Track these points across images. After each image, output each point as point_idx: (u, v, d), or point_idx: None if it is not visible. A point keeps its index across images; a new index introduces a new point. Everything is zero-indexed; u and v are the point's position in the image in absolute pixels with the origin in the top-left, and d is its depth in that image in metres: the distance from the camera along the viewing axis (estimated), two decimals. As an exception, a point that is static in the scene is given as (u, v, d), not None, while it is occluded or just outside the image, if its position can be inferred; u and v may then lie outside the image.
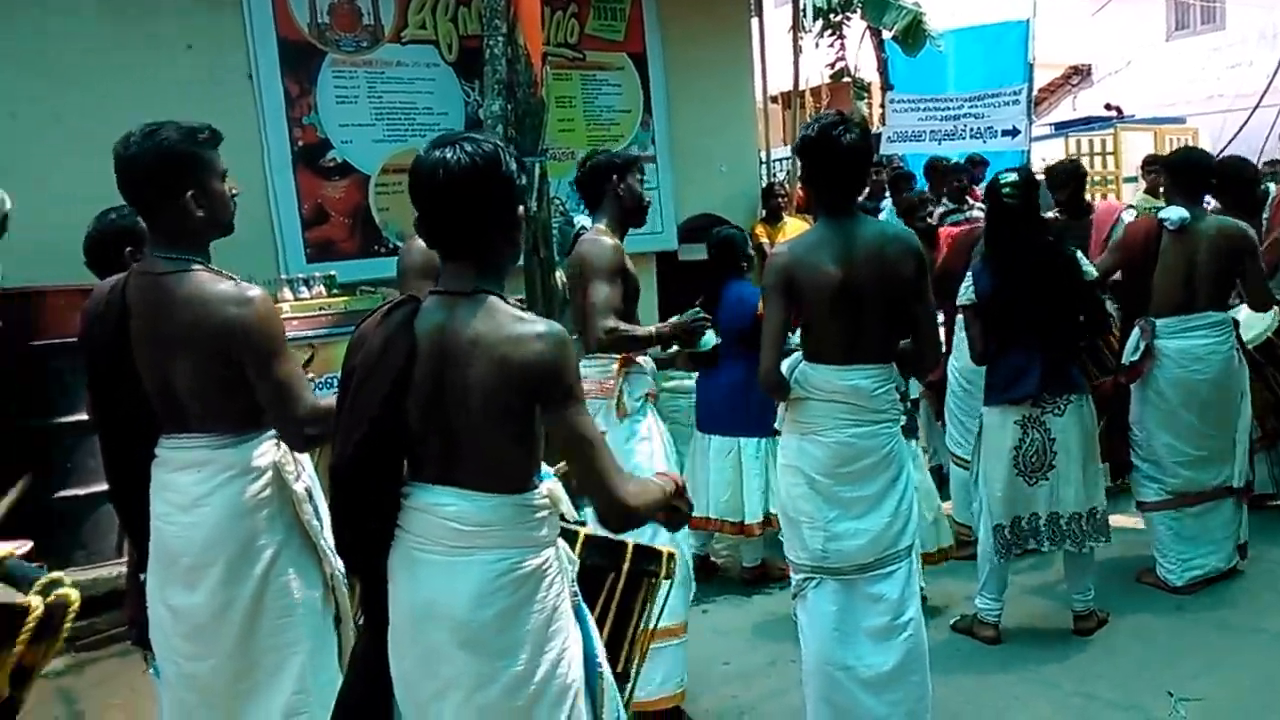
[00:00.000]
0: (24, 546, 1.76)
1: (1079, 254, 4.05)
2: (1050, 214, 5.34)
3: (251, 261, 5.11)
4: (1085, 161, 11.39)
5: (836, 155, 3.01)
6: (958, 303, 4.09)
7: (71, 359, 4.35)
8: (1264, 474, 5.13)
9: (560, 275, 5.83)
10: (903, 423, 3.28)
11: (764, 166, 8.98)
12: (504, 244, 2.03)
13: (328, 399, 2.41)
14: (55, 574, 1.74)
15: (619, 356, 3.67)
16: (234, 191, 2.48)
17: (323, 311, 5.18)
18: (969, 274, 4.04)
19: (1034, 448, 3.96)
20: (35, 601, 1.60)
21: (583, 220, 6.46)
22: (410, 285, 3.58)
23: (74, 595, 1.68)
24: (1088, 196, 6.39)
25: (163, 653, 2.51)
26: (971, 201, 7.04)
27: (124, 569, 4.00)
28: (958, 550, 4.54)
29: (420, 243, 3.59)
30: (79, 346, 2.63)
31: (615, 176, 3.61)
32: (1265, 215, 5.34)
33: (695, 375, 4.78)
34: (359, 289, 5.58)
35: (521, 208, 2.04)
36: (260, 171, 5.83)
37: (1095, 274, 4.10)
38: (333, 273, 5.58)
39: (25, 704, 1.60)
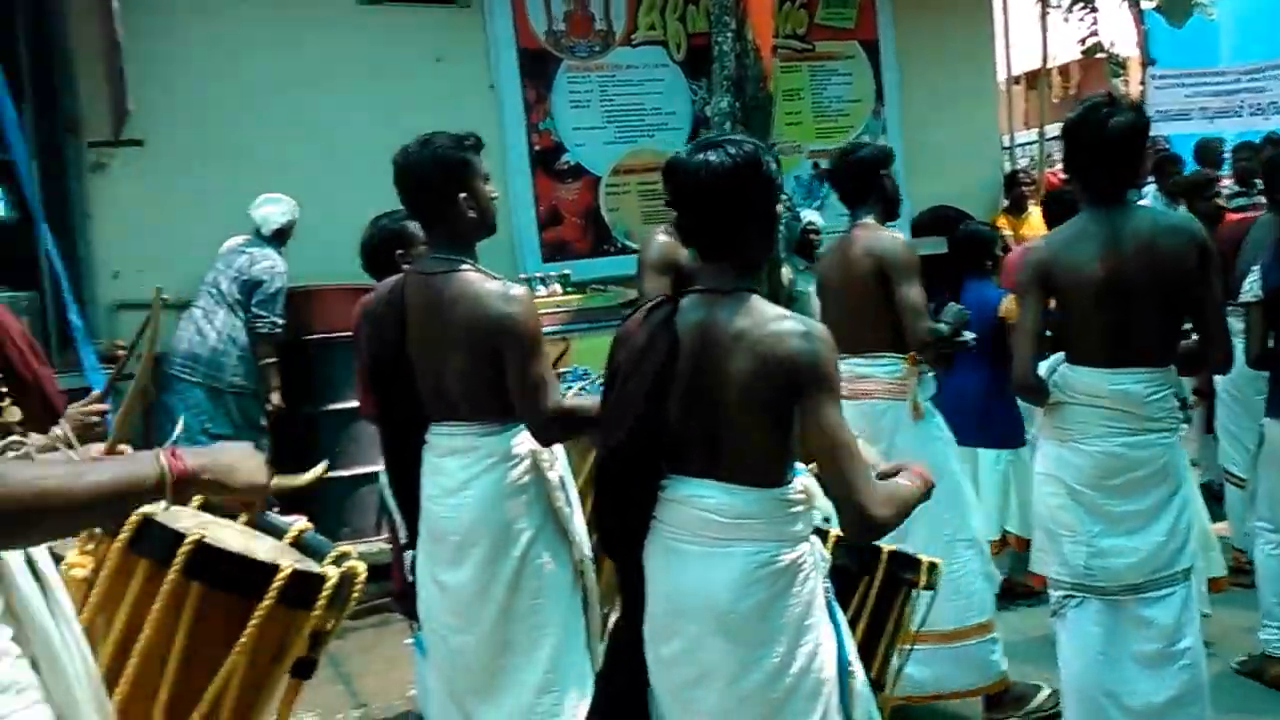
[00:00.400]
0: (301, 522, 1.95)
1: None
2: None
3: (490, 262, 5.30)
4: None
5: (1103, 139, 2.78)
6: (1240, 300, 3.66)
7: (339, 353, 4.75)
8: None
9: (787, 271, 5.74)
10: (1182, 432, 2.99)
11: (1007, 153, 8.49)
12: (762, 243, 2.08)
13: (574, 399, 2.60)
14: (345, 547, 1.92)
15: (908, 356, 3.53)
16: (494, 195, 2.67)
17: (559, 309, 5.36)
18: (1256, 268, 3.60)
19: None
20: (331, 571, 1.75)
21: (810, 215, 6.38)
22: (646, 280, 3.63)
23: (361, 567, 1.82)
24: None
25: (430, 625, 2.71)
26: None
27: (384, 545, 4.30)
28: (1233, 578, 4.08)
29: (660, 238, 3.68)
30: (349, 341, 2.86)
31: (882, 169, 3.54)
32: None
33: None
34: (590, 287, 5.72)
35: (779, 206, 2.08)
36: (500, 176, 6.05)
37: None
38: (567, 271, 5.75)
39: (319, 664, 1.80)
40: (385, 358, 2.67)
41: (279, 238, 5.16)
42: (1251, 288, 3.57)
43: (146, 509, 1.58)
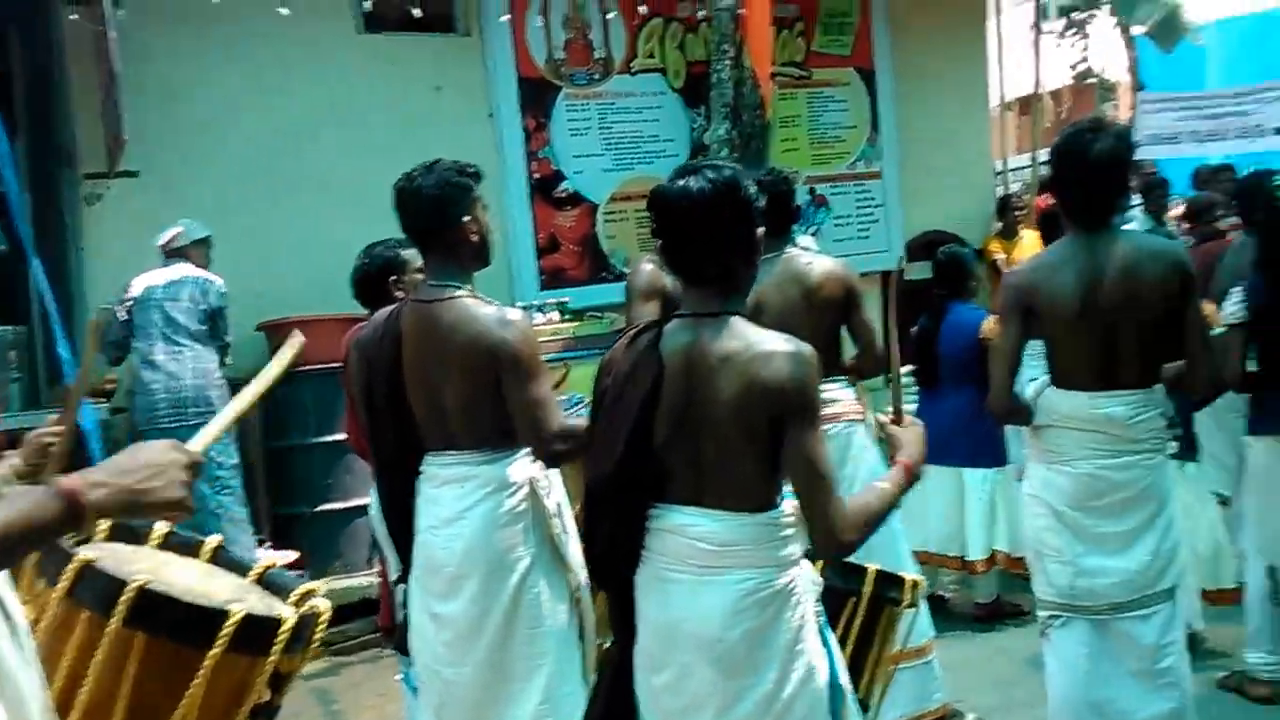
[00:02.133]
0: (290, 557, 1.93)
1: None
2: None
3: (487, 290, 5.35)
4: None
5: (1086, 165, 2.81)
6: (1223, 322, 3.71)
7: (328, 384, 4.75)
8: None
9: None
10: (1173, 450, 3.02)
11: (999, 177, 8.56)
12: (745, 267, 2.08)
13: (576, 420, 2.59)
14: (311, 585, 1.88)
15: (853, 377, 3.70)
16: (492, 228, 2.70)
17: (555, 337, 5.38)
18: (1237, 290, 3.64)
19: None
20: (287, 614, 1.70)
21: (804, 241, 6.43)
22: (634, 307, 3.69)
23: (324, 606, 1.78)
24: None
25: (423, 659, 2.69)
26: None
27: (376, 579, 4.30)
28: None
29: (646, 266, 3.74)
30: (338, 373, 2.87)
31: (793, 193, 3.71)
32: None
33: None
34: (587, 314, 5.76)
35: (761, 230, 2.08)
36: (499, 204, 6.11)
37: None
38: (565, 299, 5.79)
39: (281, 706, 1.75)
40: (379, 388, 2.67)
41: (188, 258, 4.97)
42: (1235, 310, 3.59)
43: (87, 553, 1.55)
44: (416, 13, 5.23)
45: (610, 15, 6.33)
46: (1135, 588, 2.87)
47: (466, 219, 2.58)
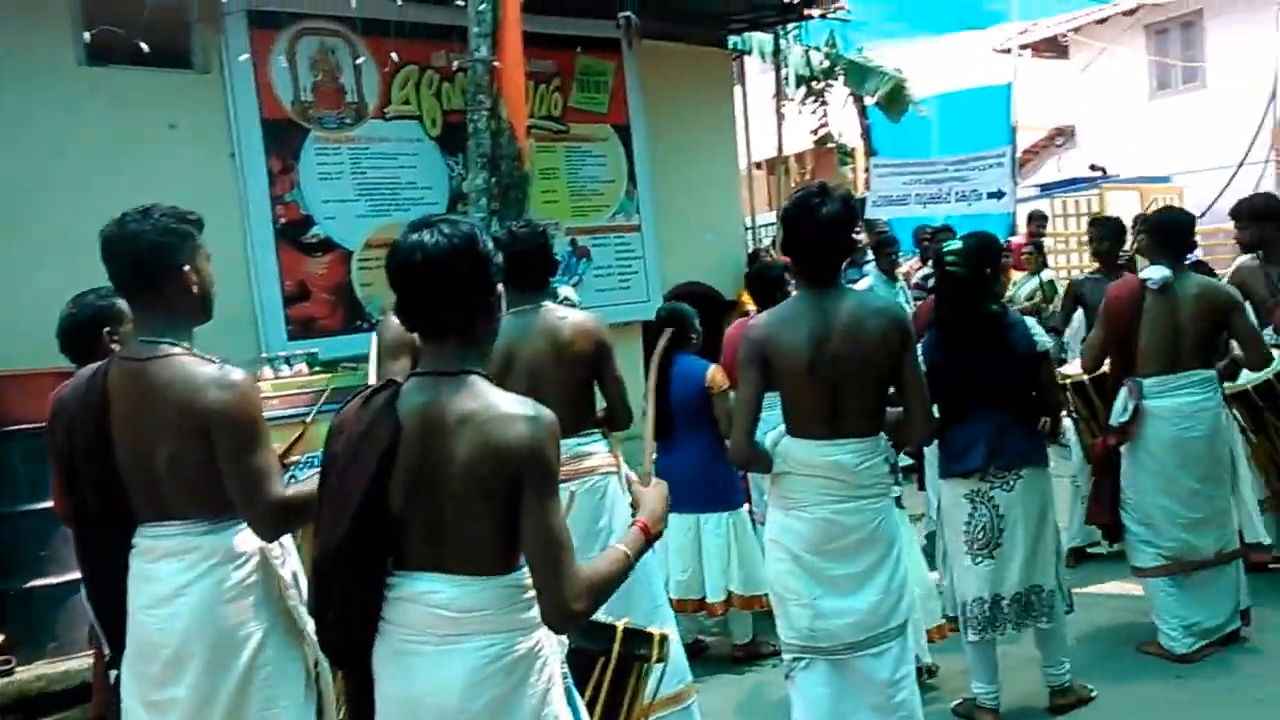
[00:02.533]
0: None
1: (1031, 323, 3.93)
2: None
3: (232, 341, 5.09)
4: (1070, 222, 11.50)
5: (815, 226, 2.97)
6: None
7: (40, 445, 4.29)
8: (1273, 535, 4.99)
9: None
10: (897, 495, 3.18)
11: (749, 233, 9.01)
12: (484, 323, 2.03)
13: (296, 488, 2.41)
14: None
15: (605, 429, 3.74)
16: (213, 279, 2.50)
17: (304, 390, 5.12)
18: (919, 345, 3.85)
19: (981, 524, 3.77)
20: None
21: (566, 292, 6.50)
22: (383, 363, 3.56)
23: None
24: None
25: None
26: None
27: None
28: (952, 624, 4.40)
29: (392, 319, 3.61)
30: (46, 432, 2.58)
31: (550, 248, 3.73)
32: None
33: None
34: (341, 365, 5.53)
35: (500, 286, 2.04)
36: (242, 249, 5.81)
37: (1049, 344, 3.94)
38: (314, 350, 5.53)
39: None
40: (84, 453, 2.44)
41: None
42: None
43: None
44: (144, 47, 4.88)
45: (360, 60, 6.17)
46: (868, 626, 3.01)
47: (186, 268, 2.38)
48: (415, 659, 1.91)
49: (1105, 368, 4.59)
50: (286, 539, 2.49)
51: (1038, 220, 8.96)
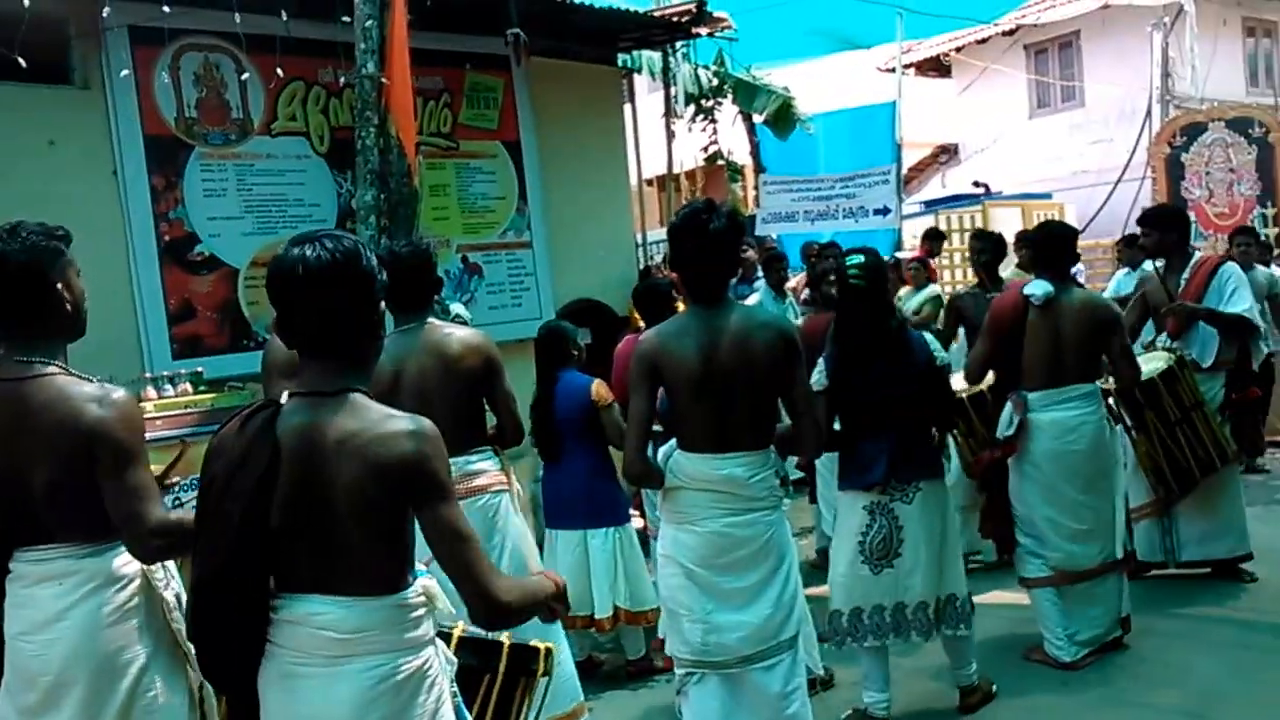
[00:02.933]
0: None
1: (929, 337, 3.99)
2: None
3: (115, 360, 4.96)
4: (955, 238, 11.94)
5: (703, 242, 3.03)
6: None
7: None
8: (1155, 542, 5.21)
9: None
10: (787, 506, 3.24)
11: (640, 249, 9.12)
12: (368, 341, 2.03)
13: (179, 512, 2.40)
14: None
15: (496, 447, 3.74)
16: (85, 294, 2.46)
17: (188, 410, 5.02)
18: (822, 359, 3.92)
19: (880, 535, 3.81)
20: None
21: (458, 309, 6.52)
22: (274, 382, 3.53)
23: None
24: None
25: None
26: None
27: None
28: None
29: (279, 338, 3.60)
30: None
31: (431, 269, 3.76)
32: (1184, 276, 5.21)
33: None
34: (228, 385, 5.43)
35: (383, 304, 2.04)
36: (125, 267, 5.66)
37: (948, 358, 4.03)
38: (199, 369, 5.42)
39: None
40: None
41: None
42: (818, 378, 3.86)
43: None
44: (21, 61, 4.75)
45: (245, 76, 6.09)
46: (760, 639, 3.06)
47: (58, 286, 2.36)
48: (303, 681, 1.91)
49: (985, 383, 4.71)
50: (170, 562, 2.47)
51: (932, 238, 9.19)
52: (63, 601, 2.31)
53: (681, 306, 3.95)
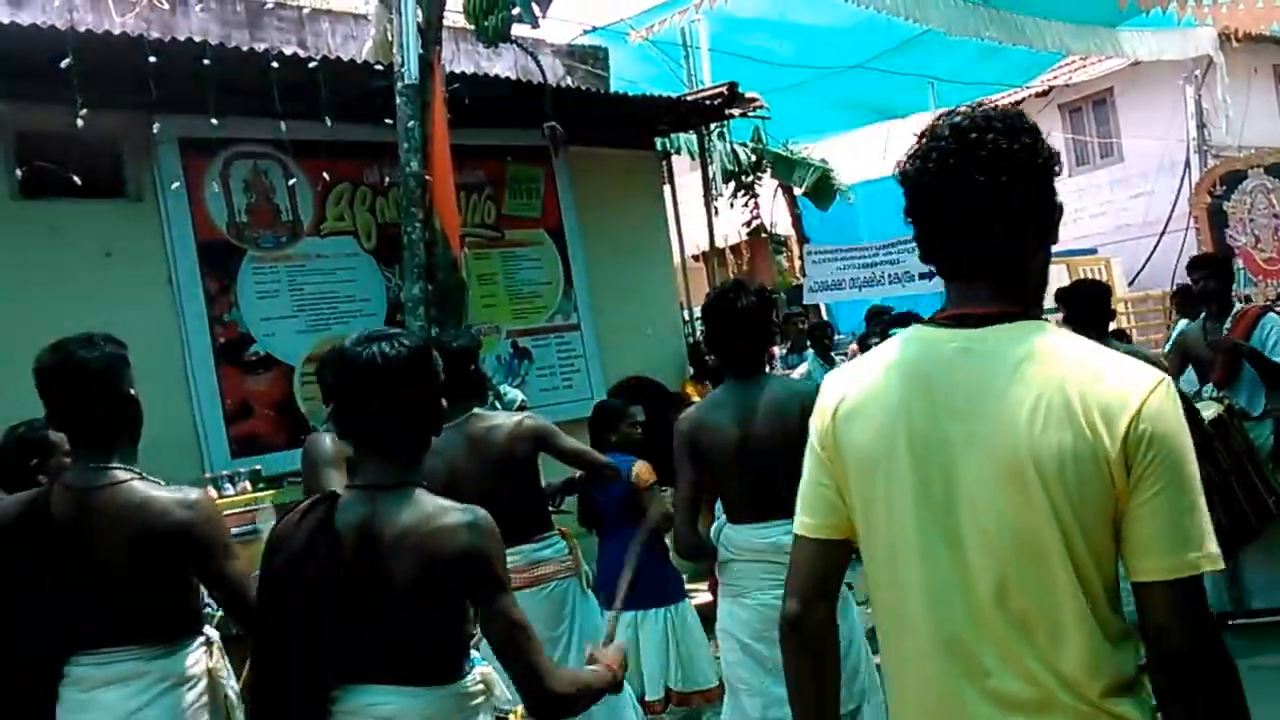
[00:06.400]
0: None
1: None
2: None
3: (174, 461, 5.05)
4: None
5: (734, 320, 3.09)
6: None
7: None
8: (1222, 592, 5.06)
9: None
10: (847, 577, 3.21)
11: (688, 325, 9.15)
12: (427, 436, 2.06)
13: None
14: None
15: (561, 529, 3.73)
16: None
17: (250, 507, 5.09)
18: None
19: None
20: None
21: (513, 393, 6.56)
22: (321, 474, 3.55)
23: None
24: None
25: None
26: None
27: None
28: None
29: (326, 436, 3.61)
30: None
31: (472, 361, 3.72)
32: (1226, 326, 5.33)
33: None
34: (286, 480, 5.50)
35: (445, 400, 2.08)
36: (181, 371, 5.81)
37: None
38: (258, 467, 5.51)
39: None
40: (8, 579, 2.41)
41: None
42: None
43: None
44: (76, 180, 4.96)
45: (293, 181, 6.29)
46: None
47: (133, 392, 2.46)
48: None
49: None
50: (224, 660, 2.50)
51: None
52: (134, 702, 2.33)
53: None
